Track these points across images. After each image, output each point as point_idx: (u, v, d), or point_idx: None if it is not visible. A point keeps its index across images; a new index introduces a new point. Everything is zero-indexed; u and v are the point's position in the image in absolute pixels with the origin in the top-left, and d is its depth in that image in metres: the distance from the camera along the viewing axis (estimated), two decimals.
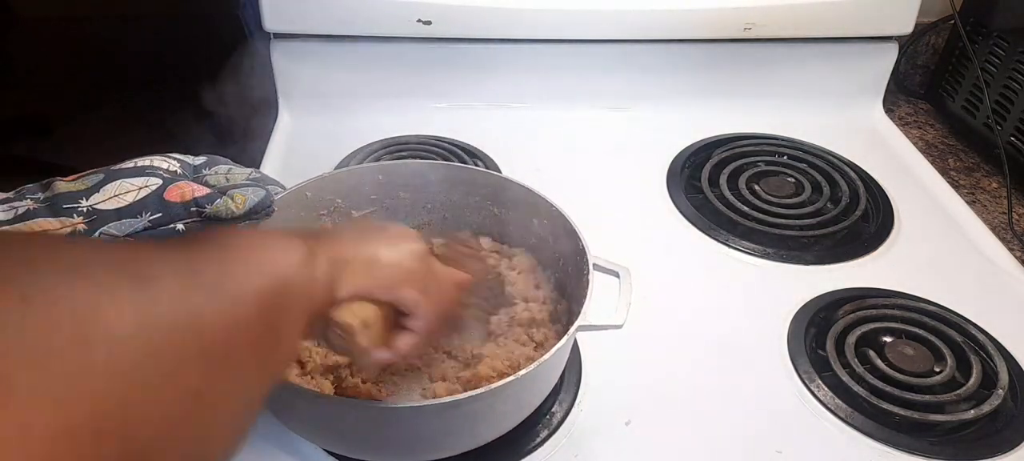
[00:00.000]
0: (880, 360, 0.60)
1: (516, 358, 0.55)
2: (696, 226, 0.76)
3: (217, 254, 0.31)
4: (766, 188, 0.80)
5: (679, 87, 0.95)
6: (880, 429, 0.56)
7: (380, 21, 0.86)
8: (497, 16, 0.87)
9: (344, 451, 0.52)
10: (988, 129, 0.91)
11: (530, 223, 0.61)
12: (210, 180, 0.52)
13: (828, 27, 0.92)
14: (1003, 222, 0.83)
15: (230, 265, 0.30)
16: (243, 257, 0.31)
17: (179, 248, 0.30)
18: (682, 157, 0.87)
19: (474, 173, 0.64)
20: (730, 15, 0.90)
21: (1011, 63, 0.89)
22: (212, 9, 0.93)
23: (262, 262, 0.32)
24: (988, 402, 0.57)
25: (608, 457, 0.54)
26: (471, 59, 0.91)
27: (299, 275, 0.34)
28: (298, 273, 0.34)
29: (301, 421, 0.50)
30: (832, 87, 0.96)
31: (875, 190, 0.82)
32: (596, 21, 0.89)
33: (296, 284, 0.34)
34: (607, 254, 0.55)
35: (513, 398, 0.49)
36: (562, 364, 0.54)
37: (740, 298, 0.68)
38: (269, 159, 0.83)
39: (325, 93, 0.91)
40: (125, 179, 0.47)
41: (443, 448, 0.50)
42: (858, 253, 0.74)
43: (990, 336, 0.63)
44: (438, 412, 0.45)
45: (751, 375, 0.61)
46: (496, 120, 0.92)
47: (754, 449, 0.55)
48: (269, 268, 0.32)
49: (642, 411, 0.57)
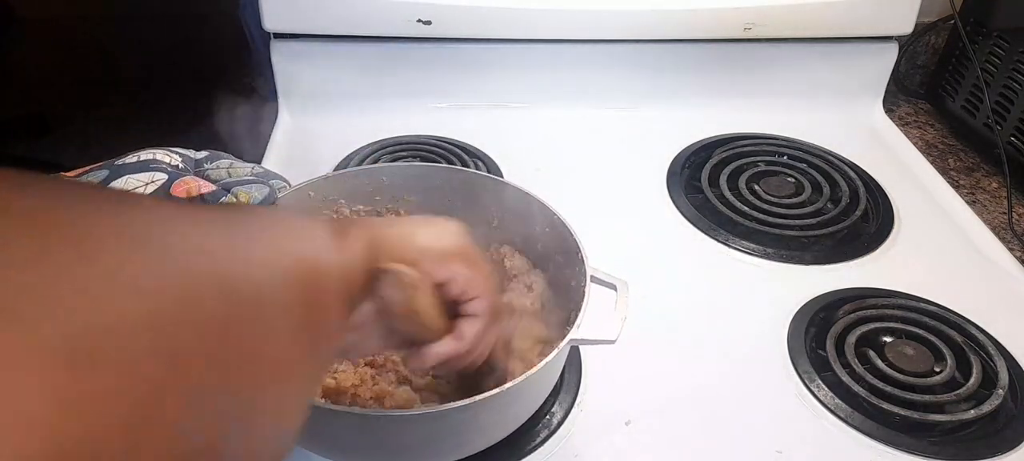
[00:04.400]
0: (880, 360, 0.60)
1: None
2: (696, 226, 0.76)
3: (245, 229, 0.28)
4: (766, 188, 0.80)
5: (679, 87, 0.95)
6: (880, 429, 0.56)
7: (380, 21, 0.86)
8: (497, 16, 0.87)
9: (335, 457, 0.52)
10: (988, 129, 0.91)
11: (530, 229, 0.60)
12: (211, 174, 0.52)
13: (828, 27, 0.92)
14: (1003, 222, 0.83)
15: (256, 241, 0.28)
16: (268, 236, 0.29)
17: (218, 218, 0.28)
18: (682, 157, 0.87)
19: (482, 179, 0.64)
20: (730, 15, 0.90)
21: (1011, 63, 0.89)
22: (212, 9, 0.93)
23: (287, 240, 0.29)
24: (988, 402, 0.57)
25: (608, 457, 0.54)
26: (471, 59, 0.91)
27: (329, 253, 0.31)
28: (327, 251, 0.31)
29: None
30: (832, 87, 0.96)
31: (875, 190, 0.82)
32: (596, 21, 0.89)
33: (326, 262, 0.31)
34: (607, 255, 0.55)
35: (501, 410, 0.48)
36: (554, 376, 0.53)
37: (740, 298, 0.68)
38: (269, 159, 0.83)
39: (325, 93, 0.91)
40: (131, 175, 0.47)
41: (430, 456, 0.49)
42: (858, 253, 0.74)
43: (990, 336, 0.63)
44: (424, 422, 0.44)
45: (751, 375, 0.61)
46: (496, 120, 0.92)
47: (754, 449, 0.55)
48: (292, 246, 0.29)
49: (642, 411, 0.57)
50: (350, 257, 0.33)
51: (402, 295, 0.36)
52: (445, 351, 0.40)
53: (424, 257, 0.37)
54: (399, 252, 0.36)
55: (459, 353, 0.41)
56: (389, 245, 0.36)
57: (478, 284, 0.39)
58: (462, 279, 0.39)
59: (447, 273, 0.38)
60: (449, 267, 0.38)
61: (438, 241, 0.38)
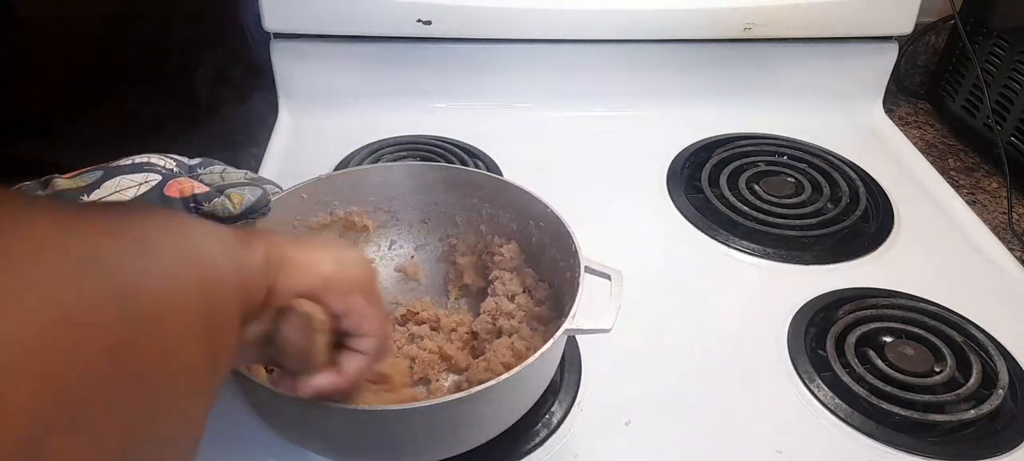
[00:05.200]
0: (880, 360, 0.60)
1: (507, 359, 0.55)
2: (696, 226, 0.76)
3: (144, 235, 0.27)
4: (766, 188, 0.80)
5: (679, 87, 0.95)
6: (880, 429, 0.56)
7: (380, 21, 0.86)
8: (497, 16, 0.87)
9: (330, 455, 0.52)
10: (988, 129, 0.91)
11: (527, 225, 0.61)
12: (205, 179, 0.52)
13: (828, 27, 0.92)
14: (1003, 222, 0.83)
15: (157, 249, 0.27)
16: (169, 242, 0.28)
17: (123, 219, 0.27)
18: (682, 157, 0.87)
19: (472, 174, 0.64)
20: (730, 15, 0.90)
21: (1011, 63, 0.89)
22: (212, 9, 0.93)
23: (188, 247, 0.28)
24: (988, 402, 0.57)
25: (608, 457, 0.54)
26: (471, 59, 0.91)
27: (230, 262, 0.30)
28: (227, 259, 0.30)
29: (286, 425, 0.50)
30: (832, 87, 0.96)
31: (875, 190, 0.82)
32: (596, 21, 0.89)
33: (226, 271, 0.30)
34: (606, 254, 0.55)
35: (498, 402, 0.48)
36: (551, 368, 0.53)
37: (740, 298, 0.68)
38: (269, 159, 0.83)
39: (325, 93, 0.91)
40: (125, 176, 0.48)
41: (427, 452, 0.49)
42: (858, 253, 0.74)
43: (990, 336, 0.63)
44: (420, 416, 0.44)
45: (751, 375, 0.61)
46: (496, 120, 0.92)
47: (754, 449, 0.55)
48: (193, 254, 0.28)
49: (642, 411, 0.57)
50: (250, 271, 0.32)
51: (303, 339, 0.35)
52: (323, 386, 0.39)
53: (327, 287, 0.36)
54: (303, 277, 0.35)
55: (338, 389, 0.40)
56: (292, 267, 0.34)
57: (372, 322, 0.38)
58: (358, 315, 0.37)
59: (345, 306, 0.37)
60: (348, 300, 0.37)
61: (343, 271, 0.37)
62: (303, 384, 0.39)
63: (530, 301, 0.60)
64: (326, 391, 0.39)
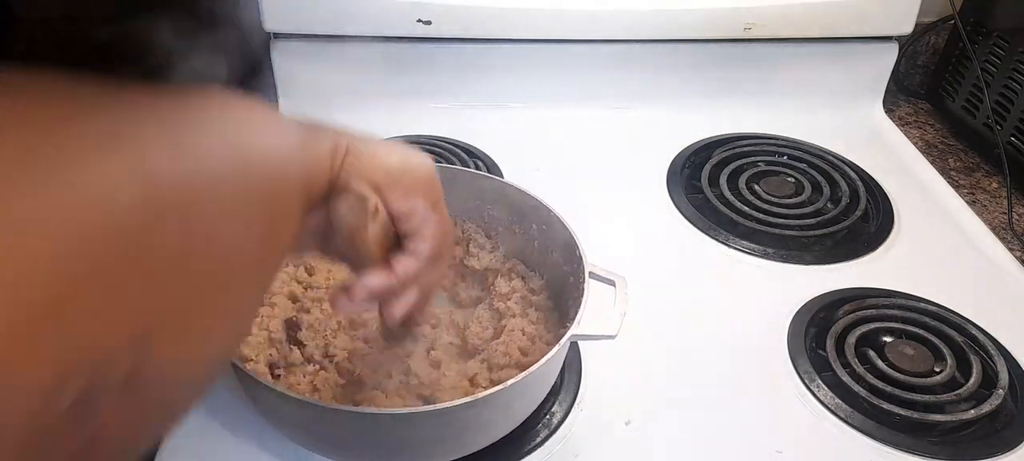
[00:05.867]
0: (880, 360, 0.60)
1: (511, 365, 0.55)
2: (696, 226, 0.76)
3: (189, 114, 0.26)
4: (766, 188, 0.80)
5: (679, 87, 0.94)
6: (880, 429, 0.56)
7: (380, 21, 0.86)
8: (497, 16, 0.87)
9: (336, 457, 0.52)
10: (988, 129, 0.91)
11: (529, 228, 0.60)
12: None
13: (828, 27, 0.92)
14: (1003, 222, 0.83)
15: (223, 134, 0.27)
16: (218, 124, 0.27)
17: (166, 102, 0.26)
18: (682, 157, 0.87)
19: (473, 176, 0.64)
20: (730, 15, 0.90)
21: (1011, 63, 0.89)
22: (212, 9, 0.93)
23: (254, 134, 0.28)
24: (988, 402, 0.57)
25: (608, 457, 0.54)
26: (471, 59, 0.91)
27: (292, 150, 0.30)
28: (290, 147, 0.30)
29: (289, 425, 0.50)
30: (832, 87, 0.96)
31: (875, 190, 0.82)
32: (596, 21, 0.89)
33: (288, 157, 0.30)
34: (607, 254, 0.55)
35: (501, 408, 0.48)
36: (554, 374, 0.53)
37: (740, 298, 0.68)
38: None
39: (325, 93, 0.91)
40: None
41: (431, 455, 0.49)
42: (858, 253, 0.74)
43: (990, 336, 0.63)
44: (424, 420, 0.44)
45: (751, 375, 0.61)
46: (496, 120, 0.92)
47: (754, 449, 0.55)
48: (259, 140, 0.28)
49: (642, 411, 0.57)
50: (315, 160, 0.32)
51: (356, 221, 0.34)
52: (374, 285, 0.37)
53: (391, 182, 0.35)
54: (367, 169, 0.34)
55: (389, 289, 0.38)
56: (358, 158, 0.34)
57: (432, 227, 0.37)
58: (418, 217, 0.36)
59: (407, 206, 0.36)
60: (411, 200, 0.36)
61: (409, 171, 0.36)
62: (357, 288, 0.37)
63: (531, 300, 0.60)
64: (377, 291, 0.38)
